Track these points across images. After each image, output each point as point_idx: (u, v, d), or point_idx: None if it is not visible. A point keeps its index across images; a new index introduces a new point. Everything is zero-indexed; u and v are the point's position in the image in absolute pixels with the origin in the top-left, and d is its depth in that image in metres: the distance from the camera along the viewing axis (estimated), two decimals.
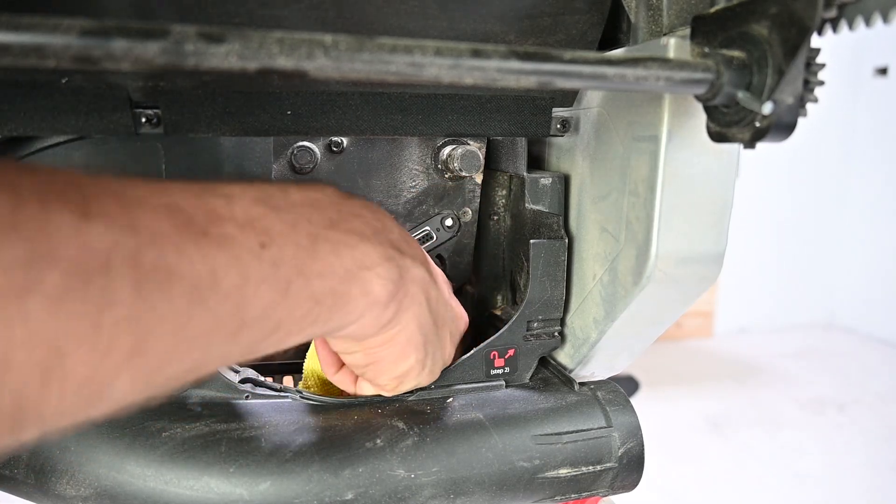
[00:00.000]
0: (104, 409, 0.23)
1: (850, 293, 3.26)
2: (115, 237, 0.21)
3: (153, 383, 0.23)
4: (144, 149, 0.41)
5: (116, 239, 0.21)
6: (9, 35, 0.20)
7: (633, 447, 0.44)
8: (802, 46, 0.26)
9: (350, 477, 0.38)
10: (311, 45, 0.23)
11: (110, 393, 0.22)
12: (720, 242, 0.38)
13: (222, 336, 0.25)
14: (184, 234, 0.24)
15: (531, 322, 0.47)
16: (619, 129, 0.40)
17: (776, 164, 3.08)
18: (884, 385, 2.53)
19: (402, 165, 0.49)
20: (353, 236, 0.32)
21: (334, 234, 0.31)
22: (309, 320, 0.30)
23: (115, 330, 0.21)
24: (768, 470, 1.88)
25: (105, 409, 0.23)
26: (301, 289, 0.28)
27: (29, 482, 0.38)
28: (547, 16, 0.40)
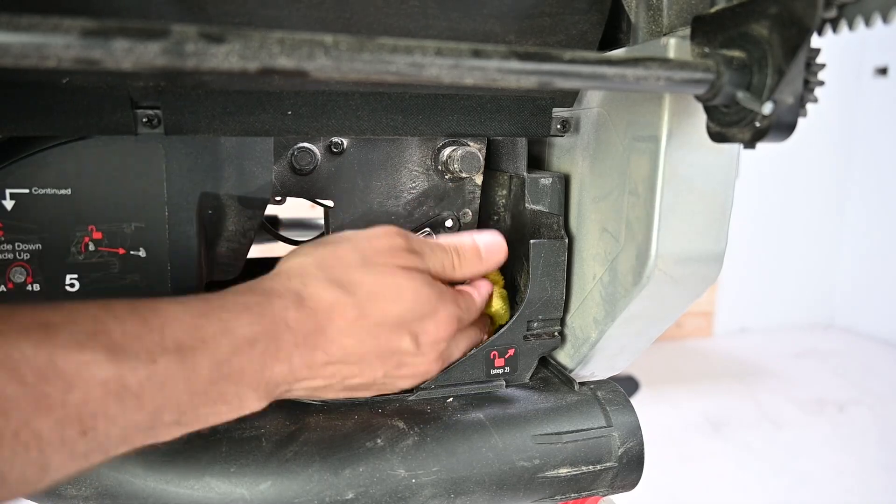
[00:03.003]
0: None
1: (850, 293, 3.26)
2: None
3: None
4: (144, 149, 0.41)
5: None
6: (9, 35, 0.20)
7: (633, 447, 0.44)
8: (802, 46, 0.26)
9: (350, 476, 0.38)
10: (311, 45, 0.23)
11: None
12: (720, 242, 0.38)
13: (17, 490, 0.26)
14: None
15: (531, 322, 0.47)
16: (619, 129, 0.40)
17: (776, 163, 3.08)
18: (884, 385, 2.53)
19: (402, 166, 0.49)
20: (209, 402, 0.31)
21: (187, 403, 0.30)
22: (128, 450, 0.30)
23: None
24: (768, 470, 1.88)
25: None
26: (119, 448, 0.29)
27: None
28: (547, 16, 0.40)
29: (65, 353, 0.26)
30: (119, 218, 0.41)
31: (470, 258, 0.43)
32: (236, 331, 0.32)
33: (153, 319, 0.30)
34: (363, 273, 0.37)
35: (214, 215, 0.44)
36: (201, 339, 0.31)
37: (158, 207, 0.41)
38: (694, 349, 2.93)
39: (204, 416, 0.31)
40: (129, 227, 0.41)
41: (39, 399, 0.25)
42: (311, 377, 0.35)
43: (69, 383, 0.26)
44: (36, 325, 0.26)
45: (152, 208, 0.41)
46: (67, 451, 0.26)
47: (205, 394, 0.31)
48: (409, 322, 0.38)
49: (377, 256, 0.38)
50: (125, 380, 0.28)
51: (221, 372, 0.31)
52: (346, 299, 0.36)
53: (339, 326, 0.36)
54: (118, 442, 0.28)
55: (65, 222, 0.40)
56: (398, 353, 0.38)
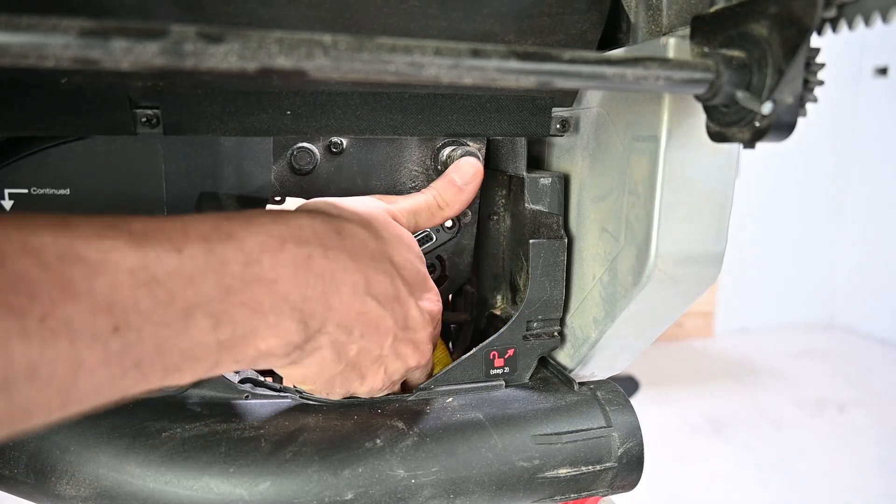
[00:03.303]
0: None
1: (850, 293, 3.26)
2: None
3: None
4: (143, 149, 0.41)
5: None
6: (9, 35, 0.20)
7: (633, 447, 0.44)
8: (802, 46, 0.26)
9: (350, 477, 0.38)
10: (310, 45, 0.23)
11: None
12: (720, 242, 0.38)
13: (39, 415, 0.23)
14: (12, 324, 0.22)
15: (531, 322, 0.46)
16: (618, 128, 0.40)
17: (776, 163, 3.08)
18: (884, 385, 2.53)
19: (401, 166, 0.49)
20: (244, 310, 0.29)
21: (220, 306, 0.28)
22: (165, 381, 0.28)
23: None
24: (768, 470, 1.88)
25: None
26: (154, 364, 0.26)
27: (29, 482, 0.38)
28: (547, 16, 0.40)
29: (85, 241, 0.25)
30: None
31: (451, 194, 0.45)
32: (263, 227, 0.31)
33: (172, 218, 0.29)
34: (374, 221, 0.39)
35: None
36: (227, 233, 0.29)
37: (157, 207, 0.41)
38: (694, 349, 2.93)
39: (241, 334, 0.29)
40: None
41: (65, 283, 0.23)
42: (342, 317, 0.34)
43: (93, 269, 0.24)
44: (54, 221, 0.25)
45: (151, 208, 0.41)
46: (100, 347, 0.24)
47: (238, 293, 0.29)
48: (412, 279, 0.40)
49: (376, 213, 0.40)
50: (151, 269, 0.26)
51: (253, 271, 0.29)
52: (367, 233, 0.37)
53: (363, 254, 0.35)
54: (153, 353, 0.26)
55: None
56: (406, 304, 0.38)
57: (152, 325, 0.26)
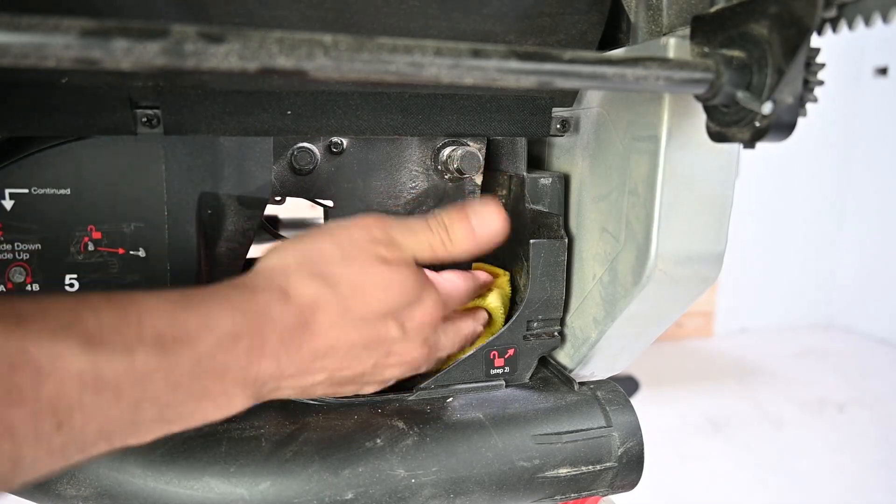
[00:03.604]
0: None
1: (850, 293, 3.26)
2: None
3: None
4: (144, 149, 0.41)
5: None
6: (9, 35, 0.20)
7: (633, 447, 0.44)
8: (802, 46, 0.26)
9: (350, 476, 0.38)
10: (310, 45, 0.23)
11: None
12: (720, 242, 0.38)
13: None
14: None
15: (531, 322, 0.47)
16: (618, 129, 0.40)
17: (776, 163, 3.08)
18: (884, 385, 2.53)
19: (401, 166, 0.49)
20: (191, 397, 0.30)
21: (168, 398, 0.29)
22: (108, 450, 0.29)
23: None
24: (768, 470, 1.88)
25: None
26: (98, 446, 0.28)
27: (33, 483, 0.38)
28: (547, 16, 0.40)
29: (37, 344, 0.25)
30: (118, 218, 0.41)
31: (461, 234, 0.39)
32: (219, 325, 0.31)
33: (131, 310, 0.29)
34: (344, 267, 0.37)
35: (214, 215, 0.44)
36: (183, 332, 0.30)
37: (158, 207, 0.41)
38: (694, 349, 2.93)
39: (188, 413, 0.30)
40: (128, 227, 0.41)
41: (11, 390, 0.24)
42: (298, 374, 0.35)
43: (42, 374, 0.25)
44: (9, 316, 0.25)
45: (152, 208, 0.41)
46: (43, 445, 0.25)
47: (187, 389, 0.30)
48: (393, 311, 0.37)
49: (356, 249, 0.37)
50: (101, 372, 0.27)
51: (204, 367, 0.30)
52: (329, 293, 0.36)
53: (324, 321, 0.35)
54: (96, 438, 0.27)
55: (64, 222, 0.40)
56: (385, 342, 0.37)
57: (97, 421, 0.27)
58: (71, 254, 0.40)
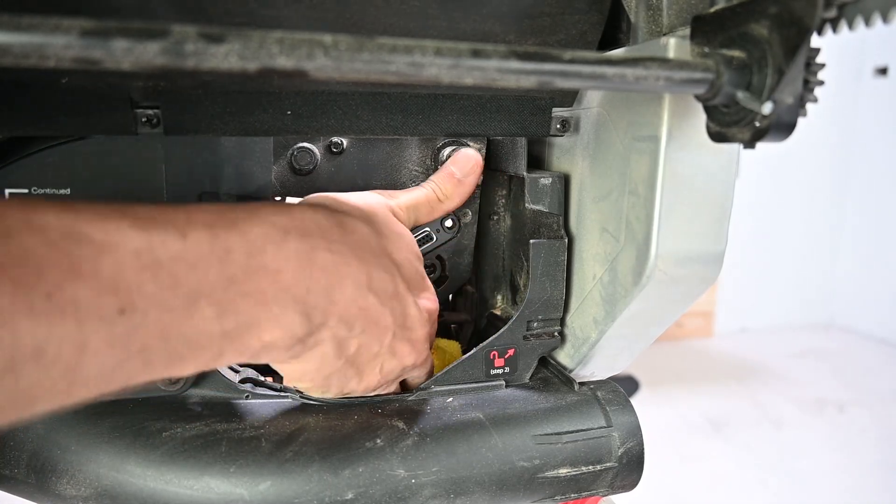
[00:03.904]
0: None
1: (850, 293, 3.26)
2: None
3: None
4: (144, 149, 0.41)
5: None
6: (9, 35, 0.20)
7: (633, 447, 0.44)
8: (802, 46, 0.26)
9: (350, 477, 0.38)
10: (311, 45, 0.23)
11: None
12: (720, 242, 0.38)
13: (44, 399, 0.23)
14: (18, 300, 0.21)
15: (531, 322, 0.47)
16: (619, 129, 0.40)
17: (776, 163, 3.08)
18: (884, 385, 2.53)
19: (402, 166, 0.49)
20: (248, 300, 0.29)
21: (224, 294, 0.28)
22: (170, 370, 0.28)
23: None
24: (768, 470, 1.88)
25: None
26: (158, 350, 0.26)
27: (29, 482, 0.38)
28: (547, 16, 0.40)
29: (90, 221, 0.24)
30: None
31: (450, 186, 0.46)
32: (267, 218, 0.31)
33: (176, 206, 0.28)
34: (374, 215, 0.40)
35: None
36: (231, 222, 0.29)
37: None
38: (694, 349, 2.93)
39: (245, 325, 0.29)
40: None
41: (71, 261, 0.23)
42: (342, 313, 0.34)
43: (99, 248, 0.24)
44: (57, 203, 0.25)
45: None
46: (106, 329, 0.24)
47: (242, 283, 0.29)
48: (410, 277, 0.40)
49: (376, 208, 0.41)
50: (156, 253, 0.26)
51: (257, 261, 0.29)
52: (369, 228, 0.37)
53: (364, 248, 0.36)
54: (156, 338, 0.26)
55: None
56: (404, 301, 0.38)
57: (157, 310, 0.26)
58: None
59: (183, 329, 0.27)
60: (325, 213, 0.35)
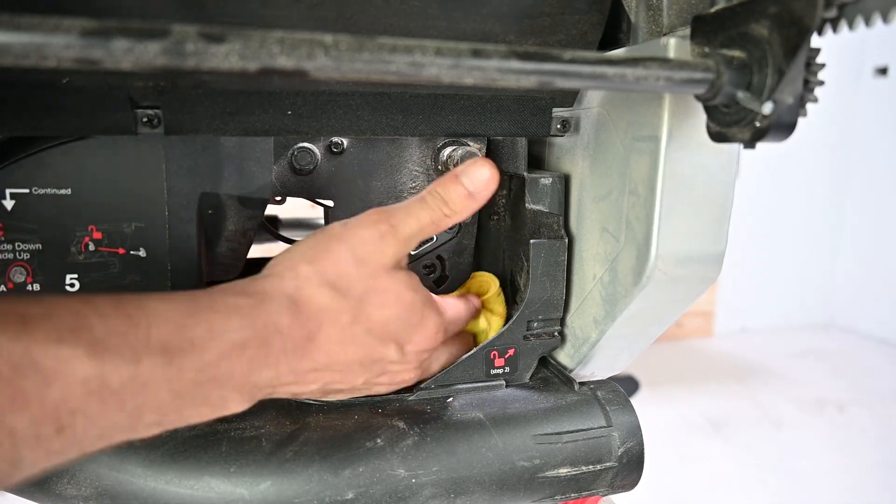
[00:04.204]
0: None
1: (850, 293, 3.25)
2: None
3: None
4: (144, 149, 0.41)
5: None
6: (9, 35, 0.20)
7: (633, 447, 0.44)
8: (802, 46, 0.26)
9: (350, 476, 0.38)
10: (311, 45, 0.23)
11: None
12: (720, 242, 0.38)
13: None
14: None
15: (531, 322, 0.47)
16: (619, 129, 0.40)
17: (776, 163, 3.08)
18: (884, 385, 2.53)
19: (402, 166, 0.49)
20: (192, 403, 0.30)
21: (170, 405, 0.29)
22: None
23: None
24: (768, 470, 1.88)
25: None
26: (96, 446, 0.28)
27: (30, 482, 0.38)
28: (547, 16, 0.40)
29: (43, 348, 0.25)
30: (119, 218, 0.41)
31: (457, 199, 0.39)
32: (225, 335, 0.31)
33: (138, 317, 0.29)
34: (356, 272, 0.37)
35: (214, 215, 0.44)
36: (188, 341, 0.30)
37: (158, 207, 0.41)
38: (694, 349, 2.93)
39: (186, 416, 0.31)
40: (129, 227, 0.41)
41: (15, 394, 0.24)
42: (294, 382, 0.35)
43: (47, 379, 0.25)
44: (13, 318, 0.25)
45: (152, 208, 0.41)
46: (42, 448, 0.25)
47: (189, 396, 0.30)
48: (396, 331, 0.38)
49: (367, 253, 0.37)
50: (107, 379, 0.27)
51: (207, 375, 0.30)
52: (340, 303, 0.36)
53: (330, 334, 0.35)
54: (95, 440, 0.27)
55: (65, 222, 0.40)
56: (382, 362, 0.38)
57: (98, 427, 0.27)
58: (71, 254, 0.40)
59: (123, 434, 0.28)
60: (288, 310, 0.34)
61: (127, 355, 0.27)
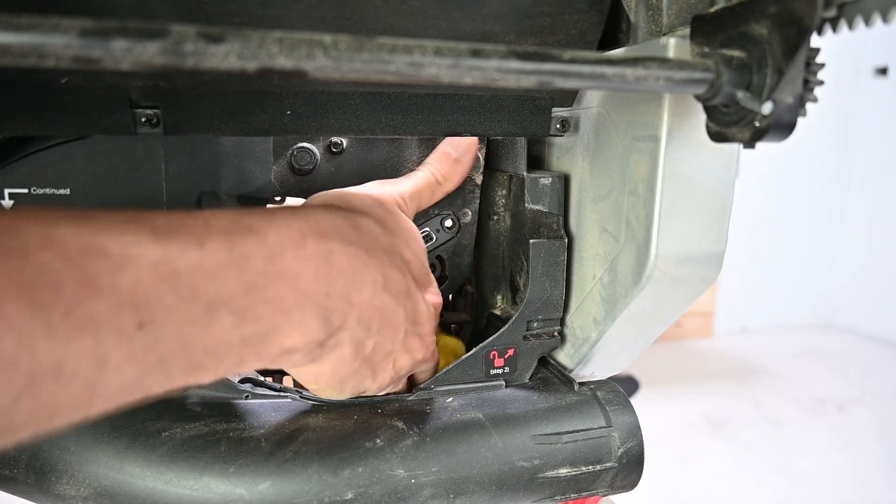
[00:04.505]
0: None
1: (850, 293, 3.26)
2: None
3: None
4: (144, 149, 0.41)
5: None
6: (9, 35, 0.20)
7: (633, 447, 0.44)
8: (802, 46, 0.26)
9: (350, 477, 0.38)
10: (310, 44, 0.23)
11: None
12: (720, 242, 0.38)
13: (64, 413, 0.23)
14: (37, 320, 0.21)
15: (531, 322, 0.47)
16: (618, 129, 0.40)
17: (776, 163, 3.08)
18: (884, 385, 2.53)
19: (401, 166, 0.49)
20: (268, 306, 0.29)
21: (244, 302, 0.28)
22: (189, 380, 0.27)
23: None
24: (768, 470, 1.88)
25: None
26: (178, 361, 0.26)
27: (29, 482, 0.38)
28: (547, 16, 0.40)
29: (107, 234, 0.24)
30: None
31: (448, 167, 0.46)
32: (285, 221, 0.31)
33: (194, 214, 0.28)
34: (381, 211, 0.39)
35: None
36: (248, 228, 0.29)
37: (157, 207, 0.41)
38: (694, 349, 2.93)
39: (265, 332, 0.29)
40: None
41: (88, 277, 0.23)
42: (360, 312, 0.34)
43: (117, 263, 0.24)
44: (75, 214, 0.24)
45: (152, 208, 0.41)
46: (125, 344, 0.24)
47: (261, 289, 0.29)
48: (419, 272, 0.40)
49: (381, 195, 0.41)
50: (174, 264, 0.26)
51: (275, 266, 0.29)
52: (380, 230, 0.37)
53: (378, 247, 0.36)
54: (176, 349, 0.26)
55: None
56: (415, 306, 0.39)
57: (176, 322, 0.25)
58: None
59: (203, 339, 0.27)
60: (340, 214, 0.35)
61: (190, 239, 0.27)
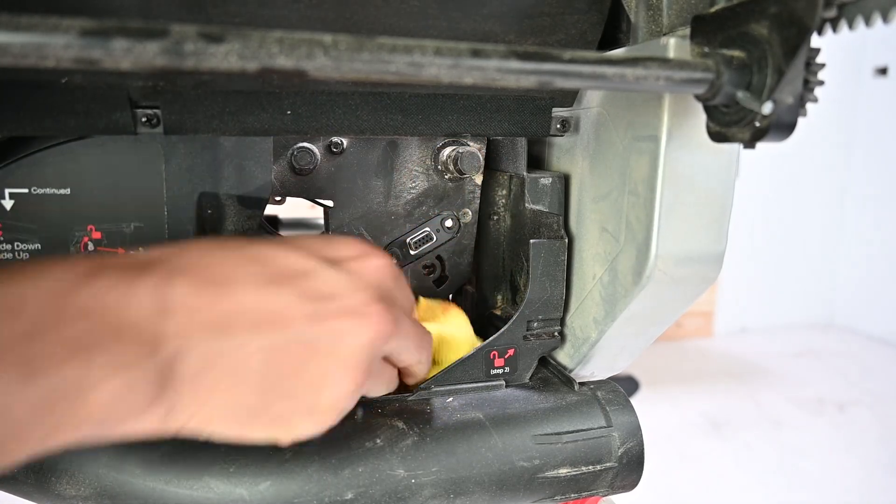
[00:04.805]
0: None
1: (850, 293, 3.26)
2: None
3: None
4: (144, 149, 0.41)
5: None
6: (9, 35, 0.20)
7: (633, 447, 0.44)
8: (802, 46, 0.26)
9: (350, 476, 0.38)
10: (310, 44, 0.23)
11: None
12: (720, 242, 0.38)
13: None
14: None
15: (531, 322, 0.46)
16: (619, 129, 0.40)
17: (776, 163, 3.08)
18: (884, 385, 2.53)
19: (401, 166, 0.49)
20: (63, 349, 0.22)
21: (27, 349, 0.21)
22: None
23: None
24: (768, 470, 1.88)
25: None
26: None
27: (29, 482, 0.38)
28: (547, 16, 0.40)
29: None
30: (118, 218, 0.41)
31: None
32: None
33: None
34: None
35: (213, 215, 0.44)
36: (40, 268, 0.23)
37: (157, 207, 0.41)
38: (694, 349, 2.93)
39: (68, 384, 0.22)
40: (128, 227, 0.41)
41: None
42: (214, 325, 0.26)
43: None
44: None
45: (151, 208, 0.41)
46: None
47: (49, 330, 0.22)
48: (308, 249, 0.32)
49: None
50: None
51: (69, 301, 0.23)
52: None
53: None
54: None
55: (64, 222, 0.40)
56: (304, 271, 0.30)
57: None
58: (71, 253, 0.40)
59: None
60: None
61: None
